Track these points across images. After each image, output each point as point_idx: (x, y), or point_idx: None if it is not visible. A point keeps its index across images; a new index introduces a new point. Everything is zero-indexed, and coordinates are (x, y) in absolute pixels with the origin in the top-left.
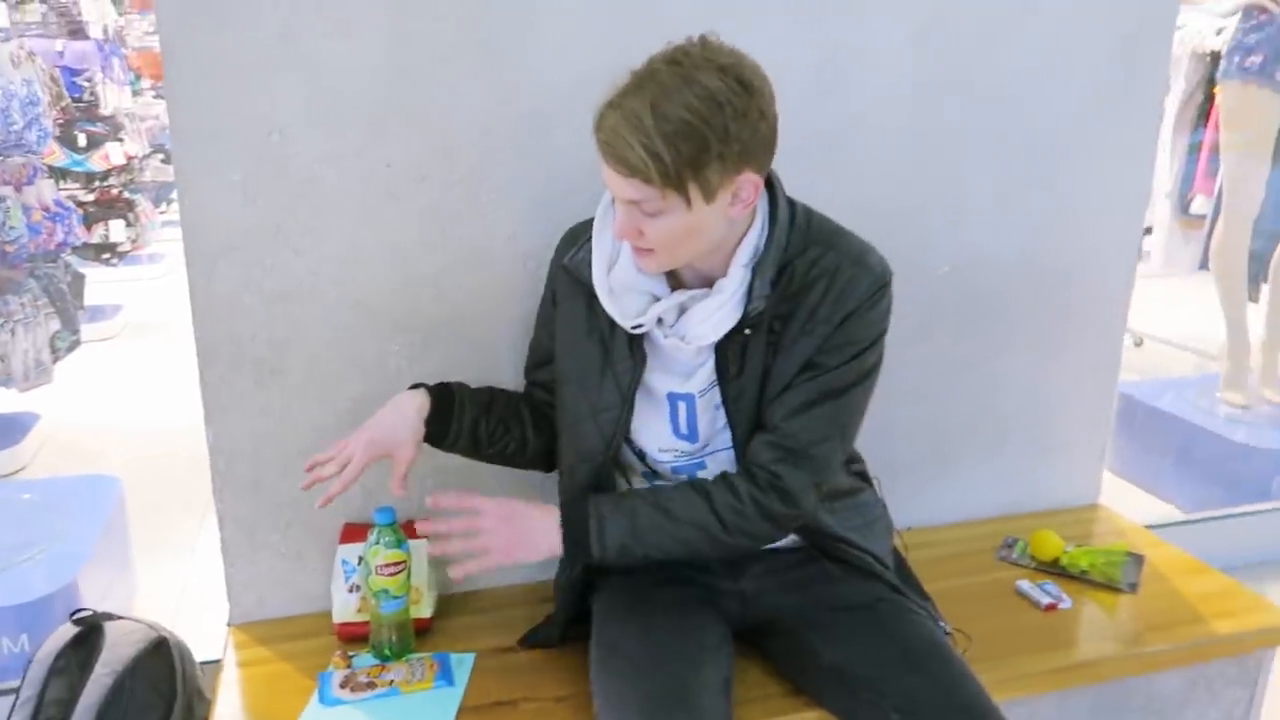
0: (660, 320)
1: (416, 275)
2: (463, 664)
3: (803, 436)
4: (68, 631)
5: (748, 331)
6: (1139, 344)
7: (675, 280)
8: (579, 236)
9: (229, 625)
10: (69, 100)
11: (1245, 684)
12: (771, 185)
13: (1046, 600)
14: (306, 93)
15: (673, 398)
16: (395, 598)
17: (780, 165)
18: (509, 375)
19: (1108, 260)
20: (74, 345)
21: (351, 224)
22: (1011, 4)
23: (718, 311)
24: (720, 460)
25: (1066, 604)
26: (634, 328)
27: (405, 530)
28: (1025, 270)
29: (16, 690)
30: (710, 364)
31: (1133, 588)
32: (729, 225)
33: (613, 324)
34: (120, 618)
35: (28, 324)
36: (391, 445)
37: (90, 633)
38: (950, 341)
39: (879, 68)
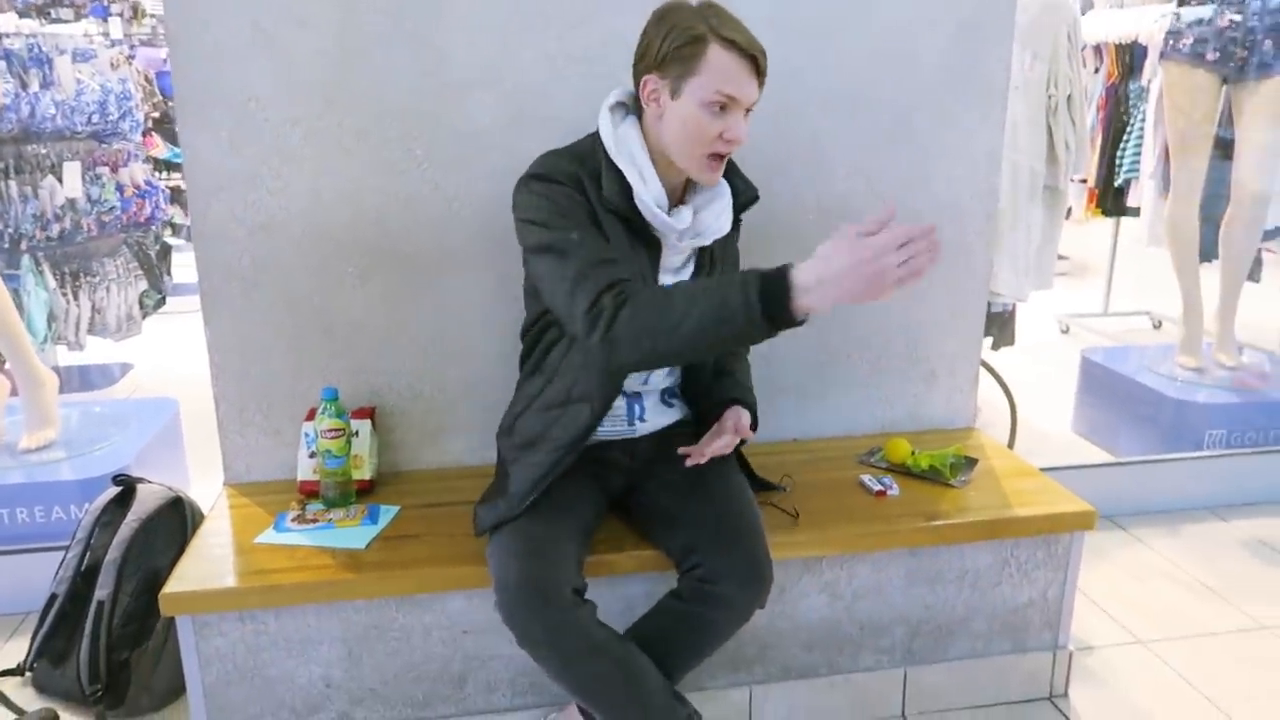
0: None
1: (364, 212)
2: (389, 512)
3: None
4: (111, 491)
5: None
6: (1158, 326)
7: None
8: (569, 159)
9: (224, 485)
10: (161, 98)
11: (1055, 567)
12: None
13: (878, 488)
14: (274, 70)
15: None
16: (336, 457)
17: None
18: (437, 295)
19: (966, 212)
20: (160, 303)
21: (312, 171)
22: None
23: (725, 210)
24: None
25: (895, 491)
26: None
27: (360, 413)
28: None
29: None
30: (692, 264)
31: (962, 483)
32: None
33: (638, 232)
34: (150, 482)
35: (120, 283)
36: None
37: (127, 493)
38: None
39: None
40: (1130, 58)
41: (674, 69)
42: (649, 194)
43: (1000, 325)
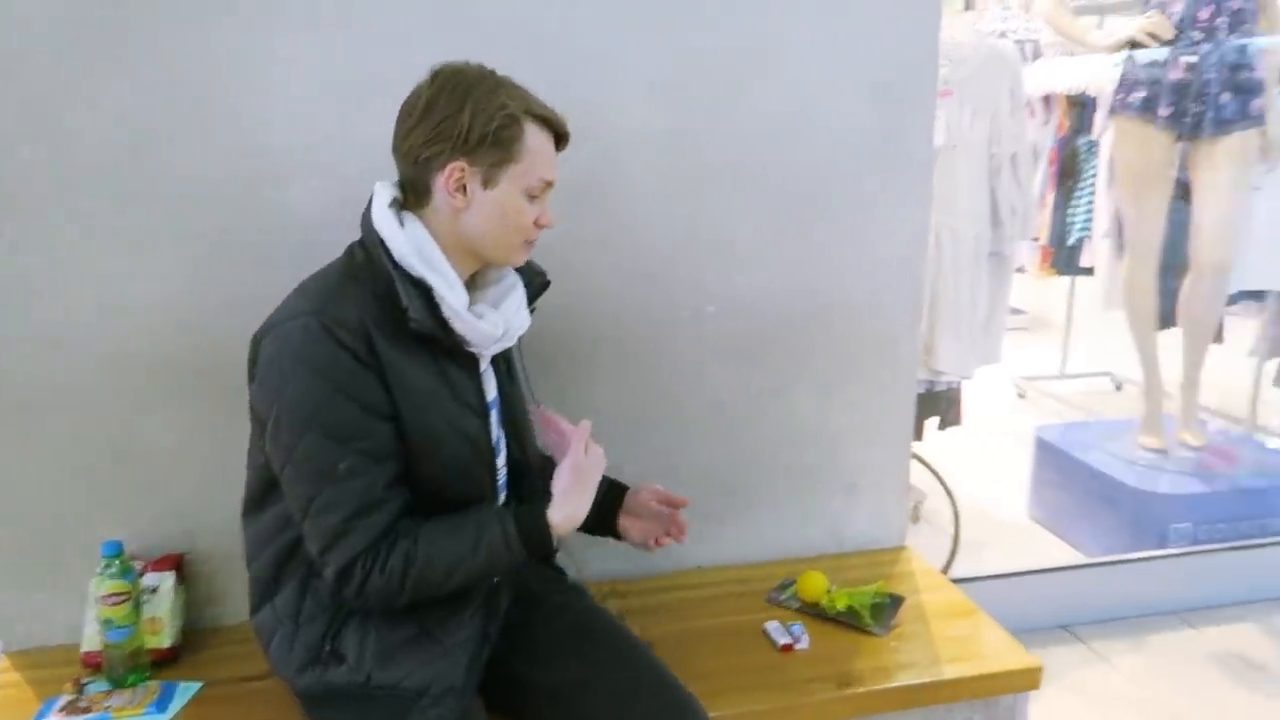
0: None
1: (167, 322)
2: (186, 692)
3: None
4: None
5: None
6: (1119, 388)
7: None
8: (344, 297)
9: (1, 652)
10: None
11: None
12: None
13: (785, 640)
14: (51, 158)
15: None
16: (120, 627)
17: None
18: None
19: (889, 302)
20: None
21: (103, 275)
22: (752, 58)
23: (524, 300)
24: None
25: (804, 644)
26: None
27: (162, 564)
28: (808, 309)
29: None
30: (490, 369)
31: (885, 631)
32: None
33: (449, 353)
34: None
35: None
36: None
37: None
38: (735, 379)
39: (622, 120)
40: (1080, 109)
41: (489, 155)
42: (458, 301)
43: (945, 404)
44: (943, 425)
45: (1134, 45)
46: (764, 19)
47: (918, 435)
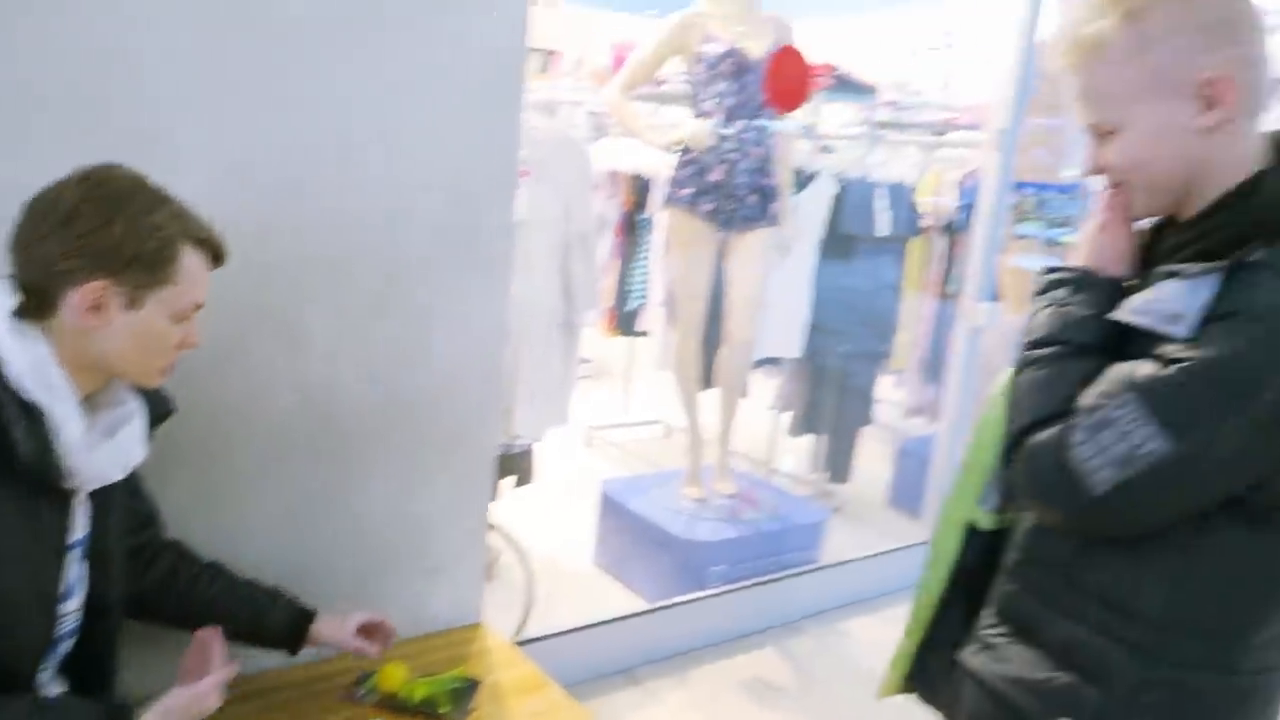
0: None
1: None
2: None
3: None
4: None
5: None
6: (668, 435)
7: None
8: None
9: None
10: None
11: None
12: None
13: None
14: None
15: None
16: None
17: None
18: None
19: (469, 390)
20: None
21: None
22: (331, 147)
23: (141, 430)
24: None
25: None
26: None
27: None
28: (386, 400)
29: None
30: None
31: (463, 715)
32: None
33: (42, 488)
34: None
35: None
36: None
37: None
38: (306, 472)
39: (190, 204)
40: (640, 188)
41: (138, 276)
42: (76, 433)
43: (520, 464)
44: (519, 484)
45: (682, 146)
46: (344, 108)
47: (494, 496)
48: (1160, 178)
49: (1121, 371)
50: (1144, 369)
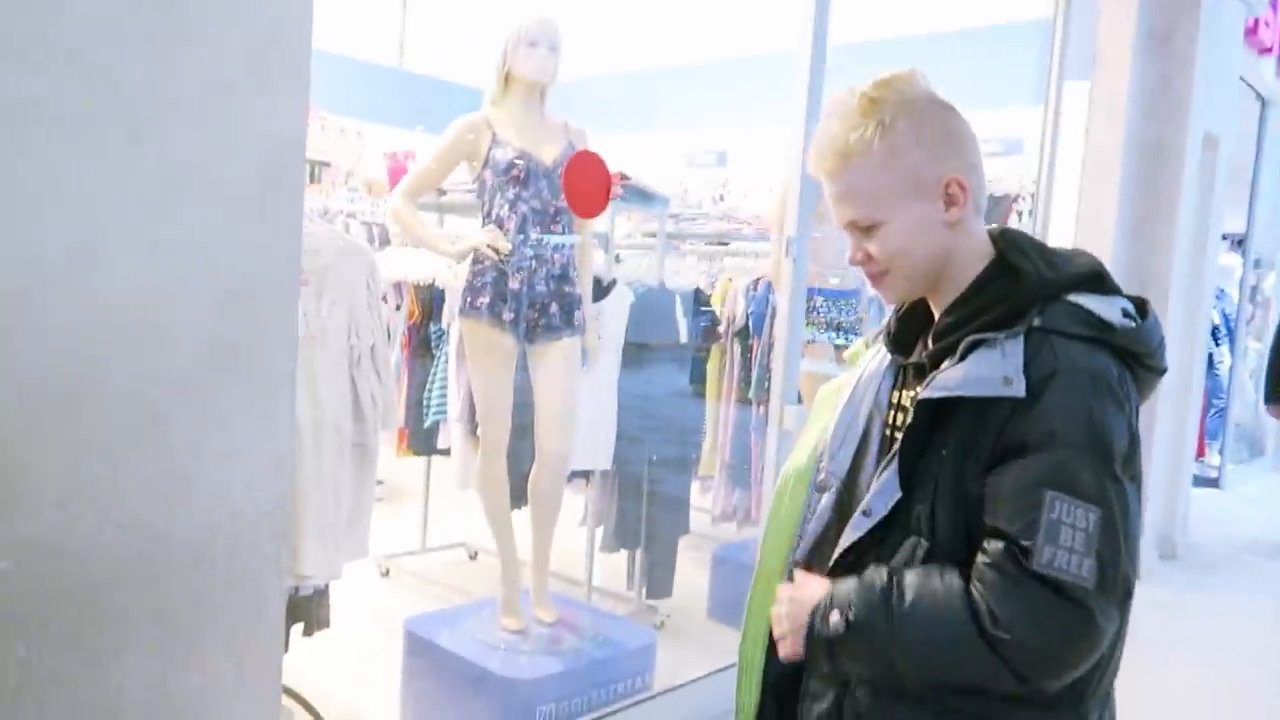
0: None
1: None
2: None
3: None
4: None
5: None
6: (474, 557)
7: None
8: None
9: None
10: None
11: None
12: None
13: None
14: None
15: None
16: None
17: None
18: None
19: (244, 536)
20: None
21: None
22: (78, 253)
23: None
24: None
25: None
26: None
27: None
28: (142, 550)
29: None
30: None
31: None
32: None
33: None
34: None
35: None
36: None
37: None
38: (34, 658)
39: None
40: (430, 298)
41: None
42: None
43: (312, 608)
44: (309, 631)
45: (477, 255)
46: (80, 208)
47: (284, 646)
48: (920, 264)
49: (1016, 486)
50: (1027, 468)
